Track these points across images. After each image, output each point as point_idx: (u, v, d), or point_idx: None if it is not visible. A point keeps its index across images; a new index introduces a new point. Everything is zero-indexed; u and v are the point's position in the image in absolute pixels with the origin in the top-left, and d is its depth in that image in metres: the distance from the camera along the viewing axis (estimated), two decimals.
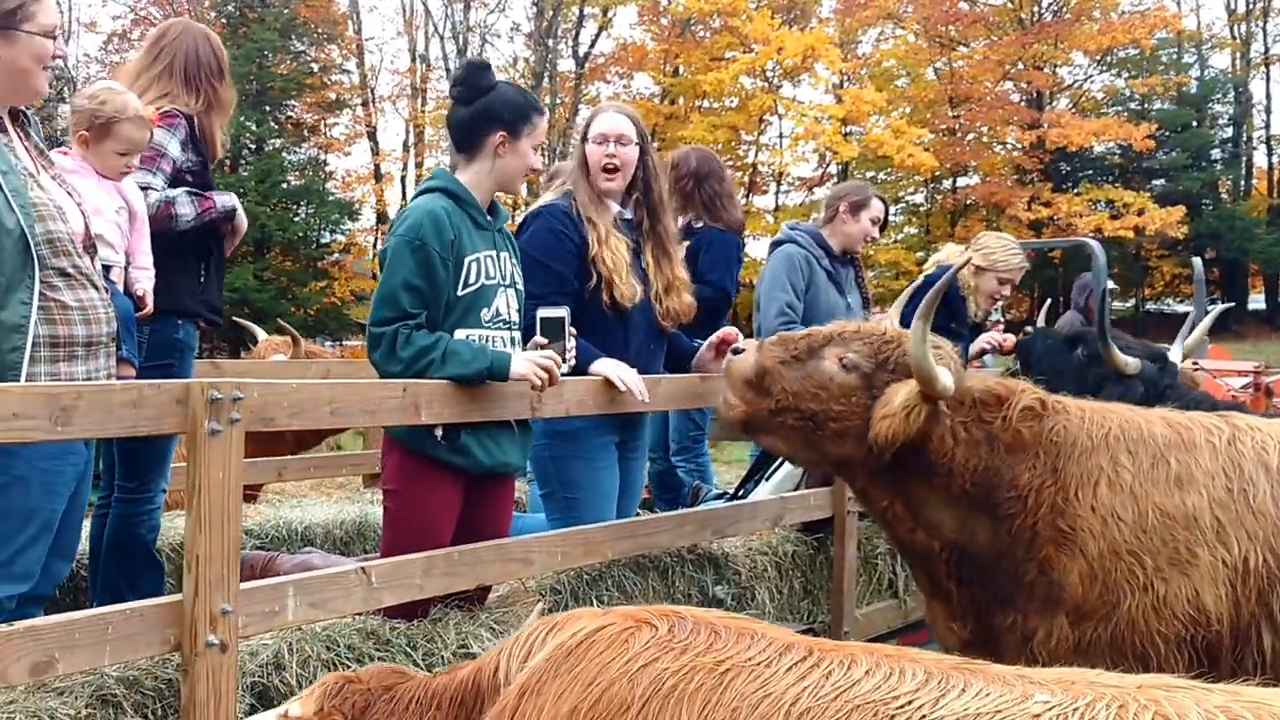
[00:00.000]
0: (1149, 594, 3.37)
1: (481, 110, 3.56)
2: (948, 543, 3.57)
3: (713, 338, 4.36)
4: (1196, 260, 10.46)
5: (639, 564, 3.93)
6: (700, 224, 5.27)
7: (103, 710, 2.57)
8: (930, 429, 3.38)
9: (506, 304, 3.57)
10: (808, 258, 5.20)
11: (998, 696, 1.57)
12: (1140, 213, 30.27)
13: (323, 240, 33.08)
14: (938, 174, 34.64)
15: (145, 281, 3.73)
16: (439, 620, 3.32)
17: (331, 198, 32.13)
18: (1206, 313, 6.10)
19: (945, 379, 3.29)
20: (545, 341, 3.54)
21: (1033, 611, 3.51)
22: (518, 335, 3.63)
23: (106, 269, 3.48)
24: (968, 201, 34.93)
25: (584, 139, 4.29)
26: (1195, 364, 8.95)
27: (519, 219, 4.53)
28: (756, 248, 26.54)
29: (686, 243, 4.70)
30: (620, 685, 1.84)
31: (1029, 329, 5.89)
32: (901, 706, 1.60)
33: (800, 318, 5.01)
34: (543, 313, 3.61)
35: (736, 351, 3.47)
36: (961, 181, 35.98)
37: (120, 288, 3.59)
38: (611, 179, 4.16)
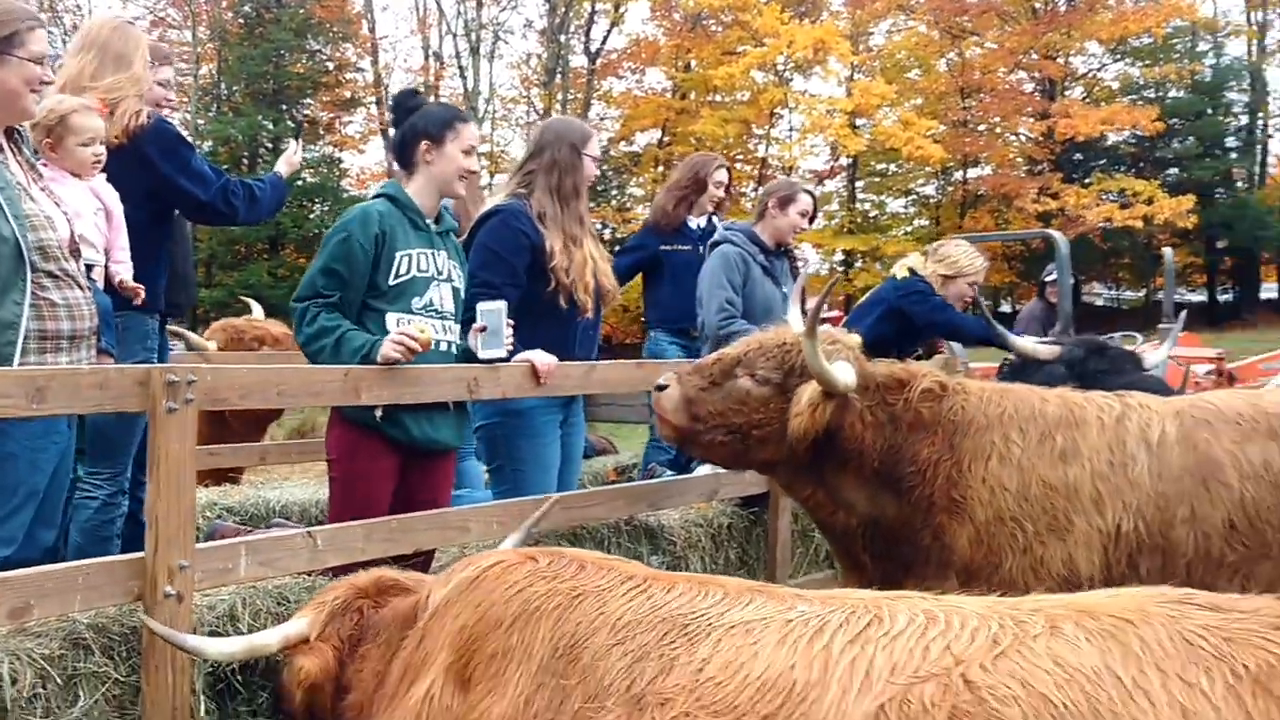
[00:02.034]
0: (1028, 556, 3.72)
1: (408, 128, 4.04)
2: (863, 519, 3.93)
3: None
4: (1167, 250, 10.76)
5: (576, 535, 4.29)
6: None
7: (74, 651, 2.95)
8: (842, 418, 3.76)
9: (441, 297, 3.98)
10: (743, 255, 5.54)
11: (770, 608, 1.95)
12: (1149, 202, 30.21)
13: None
14: (948, 166, 34.73)
15: (125, 272, 4.15)
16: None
17: (346, 195, 32.59)
18: (1175, 301, 6.42)
19: (844, 376, 3.66)
20: (484, 326, 3.93)
21: (930, 575, 3.86)
22: (451, 324, 4.02)
23: (89, 267, 3.88)
24: (978, 193, 34.97)
25: (576, 151, 4.64)
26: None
27: None
28: None
29: None
30: (498, 606, 2.28)
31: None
32: (696, 616, 1.99)
33: (740, 311, 5.37)
34: (483, 305, 3.99)
35: (661, 387, 3.86)
36: (972, 173, 36.01)
37: (101, 284, 4.00)
38: None
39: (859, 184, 36.91)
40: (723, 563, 4.90)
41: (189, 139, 4.63)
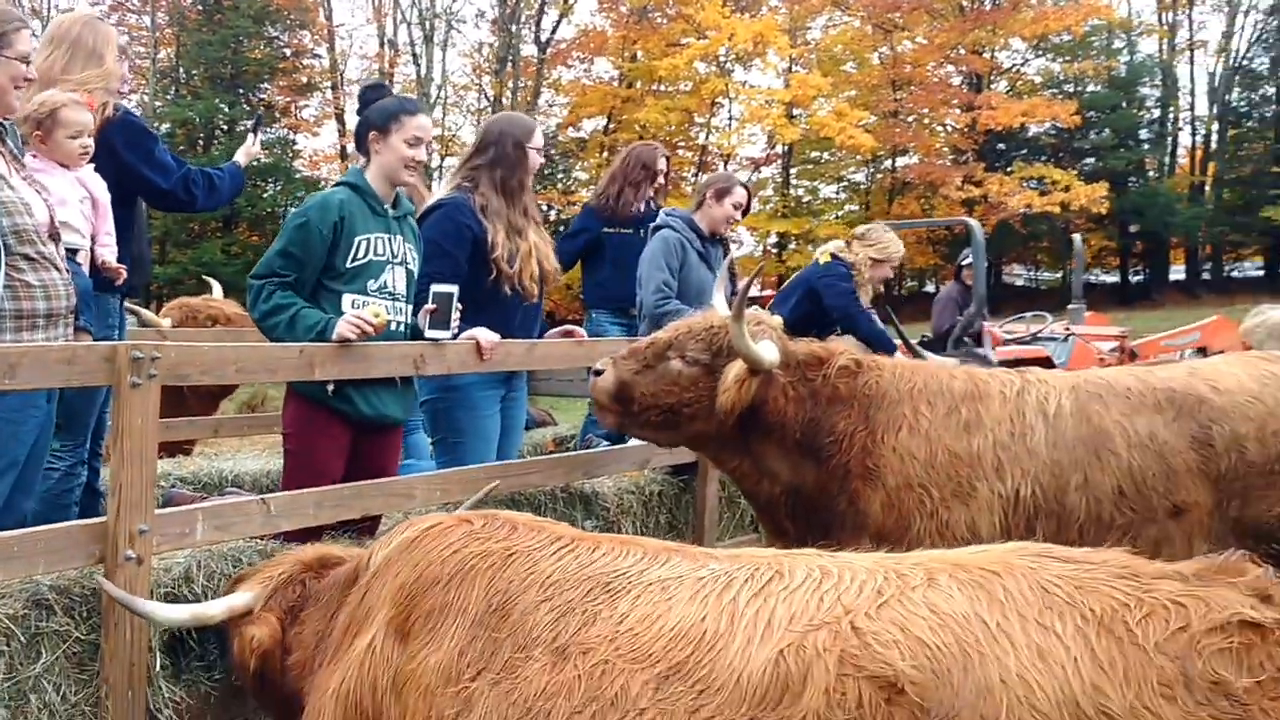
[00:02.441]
0: (934, 520, 3.86)
1: (362, 119, 4.11)
2: (785, 487, 4.04)
3: (559, 330, 4.90)
4: (1076, 237, 11.04)
5: (515, 500, 4.36)
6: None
7: (36, 611, 2.98)
8: (766, 393, 3.87)
9: (394, 279, 4.04)
10: (681, 240, 5.62)
11: (684, 566, 2.05)
12: (1066, 189, 30.84)
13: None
14: (878, 154, 35.12)
15: (109, 255, 4.21)
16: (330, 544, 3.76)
17: (299, 176, 32.21)
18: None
19: (768, 354, 3.77)
20: (435, 307, 3.98)
21: (845, 539, 3.96)
22: (404, 305, 4.08)
23: (74, 251, 3.94)
24: (906, 181, 35.42)
25: (521, 147, 4.68)
26: (1068, 329, 9.53)
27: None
28: None
29: None
30: (436, 565, 2.36)
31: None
32: (618, 574, 2.09)
33: (675, 293, 5.46)
34: (436, 287, 4.05)
35: (598, 372, 3.95)
36: (900, 161, 36.46)
37: (86, 267, 4.04)
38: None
39: (793, 171, 37.18)
40: (653, 527, 5.00)
41: (152, 129, 4.63)
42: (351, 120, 37.06)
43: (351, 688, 2.37)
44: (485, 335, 4.12)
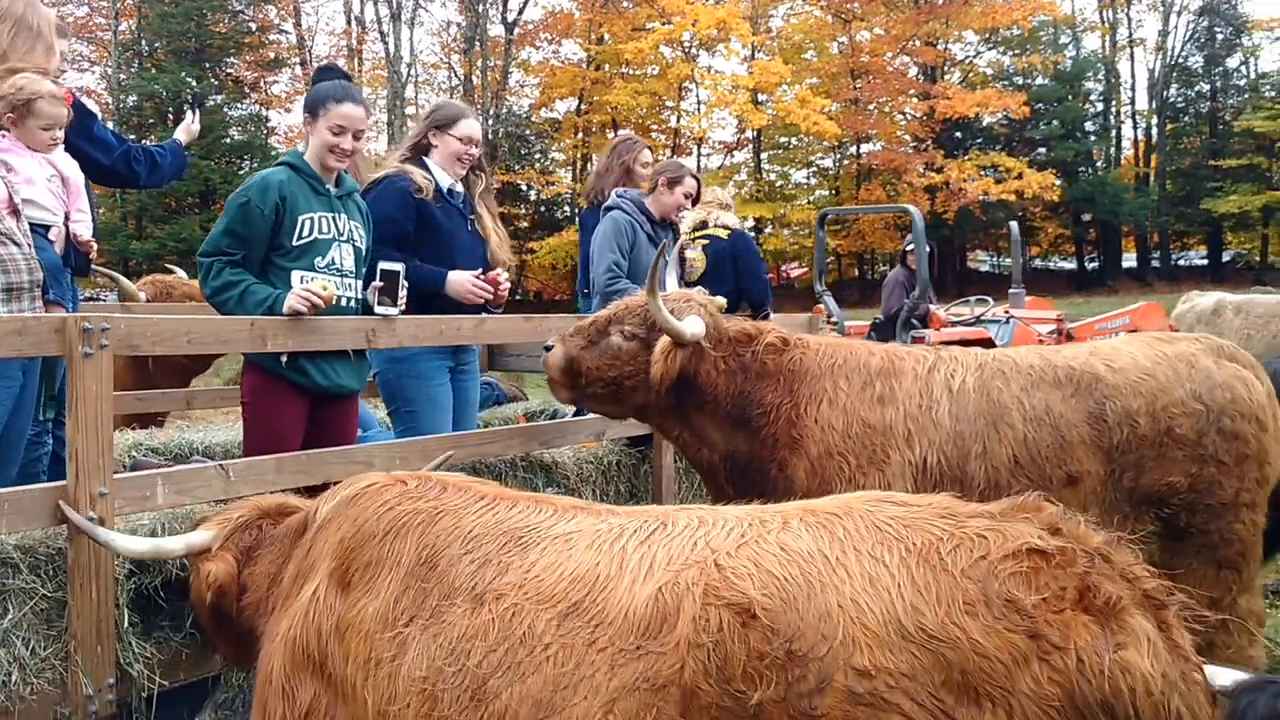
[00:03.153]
0: (853, 485, 4.05)
1: (304, 100, 4.17)
2: (722, 455, 4.23)
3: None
4: (1013, 224, 11.29)
5: (476, 469, 4.48)
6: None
7: (2, 570, 3.12)
8: (698, 366, 4.06)
9: (341, 256, 4.15)
10: (632, 222, 5.75)
11: (587, 521, 2.24)
12: (1019, 177, 31.31)
13: None
14: (843, 141, 35.41)
15: (84, 230, 4.28)
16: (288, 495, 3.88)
17: (275, 152, 31.94)
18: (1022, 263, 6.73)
19: (691, 328, 3.96)
20: (383, 285, 4.13)
21: (776, 503, 4.19)
22: (353, 281, 4.20)
23: (46, 228, 4.03)
24: (871, 167, 35.77)
25: (444, 130, 4.78)
26: (1008, 312, 9.80)
27: None
28: None
29: None
30: (372, 522, 2.53)
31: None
32: (530, 529, 2.27)
33: (625, 273, 5.62)
34: (383, 265, 4.17)
35: (548, 348, 4.14)
36: (865, 148, 36.80)
37: (59, 245, 4.13)
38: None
39: (764, 156, 37.42)
40: (613, 494, 5.15)
41: (93, 109, 4.67)
42: None
43: (299, 634, 2.53)
44: (457, 275, 4.30)
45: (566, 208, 36.78)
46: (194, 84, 29.84)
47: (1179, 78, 38.41)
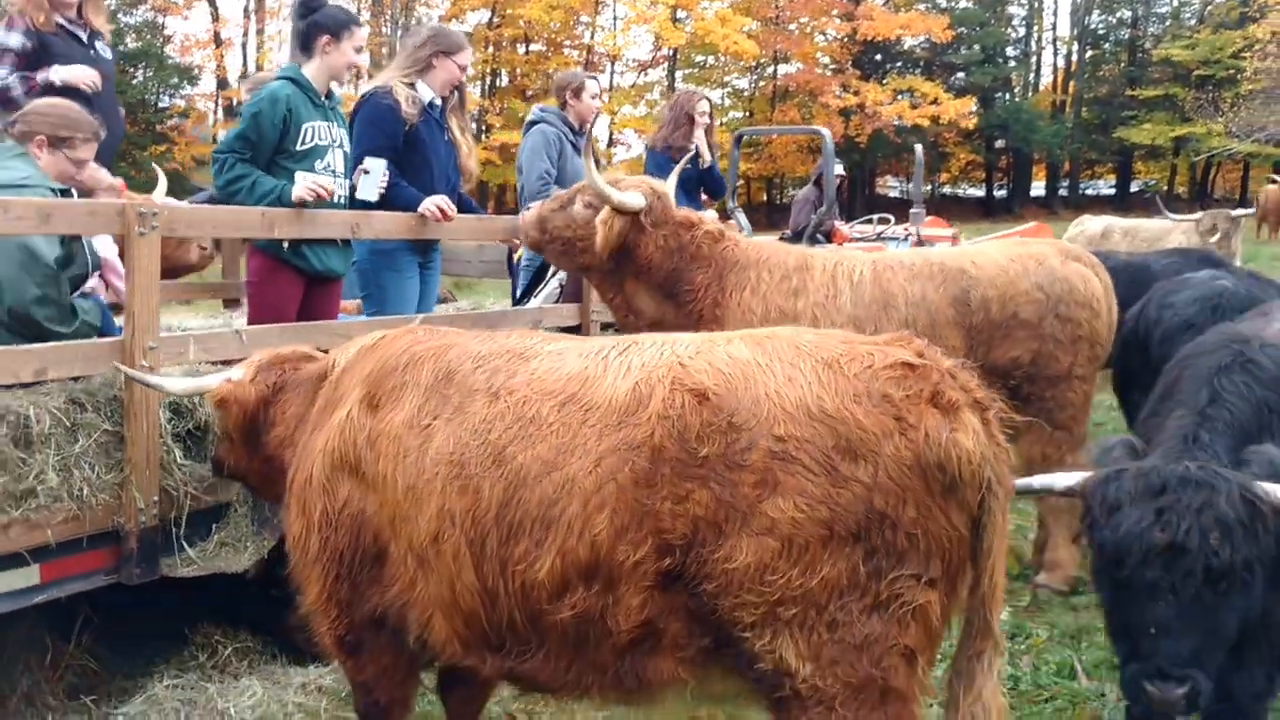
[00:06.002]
0: None
1: (313, 22, 4.96)
2: (649, 322, 5.18)
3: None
4: (918, 146, 12.40)
5: None
6: None
7: (73, 407, 3.93)
8: (638, 239, 5.01)
9: (335, 159, 5.02)
10: (558, 134, 6.61)
11: (573, 343, 3.16)
12: (935, 102, 32.40)
13: (161, 104, 32.52)
14: (760, 61, 36.12)
15: None
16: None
17: (170, 61, 31.50)
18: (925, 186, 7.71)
19: (630, 200, 4.91)
20: (367, 170, 5.03)
21: None
22: (344, 181, 5.07)
23: None
24: (787, 89, 36.57)
25: (448, 55, 5.53)
26: (908, 230, 10.92)
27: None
28: None
29: None
30: (393, 358, 3.35)
31: None
32: (528, 348, 3.10)
33: (554, 180, 6.47)
34: (369, 160, 5.09)
35: (528, 209, 5.11)
36: (782, 69, 37.56)
37: None
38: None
39: (679, 75, 37.94)
40: None
41: None
42: (225, 4, 36.16)
43: (336, 445, 3.34)
44: (431, 202, 5.15)
45: (474, 124, 36.92)
46: None
47: (1101, 3, 39.58)
